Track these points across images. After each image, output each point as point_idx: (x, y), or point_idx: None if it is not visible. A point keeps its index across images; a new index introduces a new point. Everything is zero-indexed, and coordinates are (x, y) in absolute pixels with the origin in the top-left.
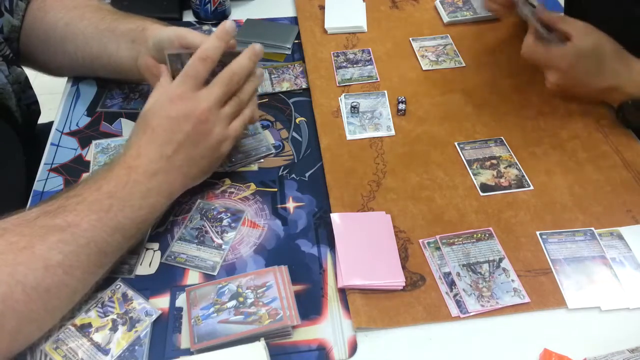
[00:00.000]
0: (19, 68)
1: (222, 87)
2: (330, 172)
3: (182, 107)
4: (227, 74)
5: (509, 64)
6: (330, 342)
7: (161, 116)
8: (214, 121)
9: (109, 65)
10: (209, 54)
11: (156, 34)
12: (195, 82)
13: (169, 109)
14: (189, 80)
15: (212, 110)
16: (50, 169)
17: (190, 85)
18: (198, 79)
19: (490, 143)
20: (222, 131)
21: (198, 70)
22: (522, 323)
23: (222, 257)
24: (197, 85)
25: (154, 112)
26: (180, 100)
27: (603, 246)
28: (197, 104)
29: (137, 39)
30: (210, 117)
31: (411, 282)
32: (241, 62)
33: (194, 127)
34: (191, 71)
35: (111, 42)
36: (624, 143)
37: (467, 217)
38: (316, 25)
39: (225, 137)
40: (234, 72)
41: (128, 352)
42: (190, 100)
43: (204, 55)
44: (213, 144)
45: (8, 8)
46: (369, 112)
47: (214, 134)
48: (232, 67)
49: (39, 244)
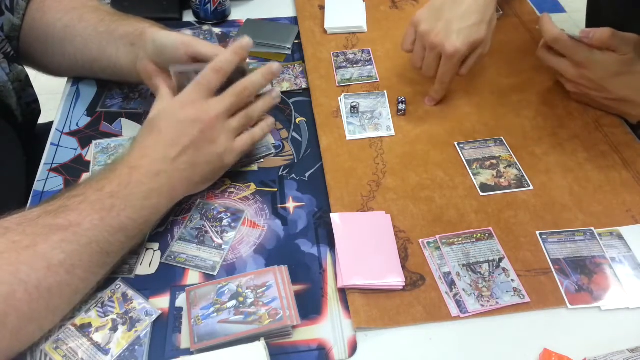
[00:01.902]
0: (19, 66)
1: (231, 98)
2: (330, 172)
3: (191, 111)
4: (238, 87)
5: (509, 64)
6: (330, 342)
7: (169, 119)
8: (220, 130)
9: (108, 67)
10: (223, 66)
11: (157, 38)
12: (207, 90)
13: (178, 113)
14: (200, 89)
15: (219, 119)
16: (50, 169)
17: (202, 93)
18: (210, 88)
19: (490, 143)
20: (226, 142)
21: (210, 80)
22: (522, 323)
23: (222, 257)
24: (208, 94)
25: (163, 115)
26: (190, 106)
27: (603, 246)
28: (206, 110)
29: (136, 42)
30: (217, 125)
31: (411, 282)
32: (254, 78)
33: (201, 132)
34: (204, 80)
35: (110, 44)
36: (624, 143)
37: (467, 217)
38: (316, 25)
39: (231, 148)
40: (245, 87)
41: (128, 352)
42: (200, 107)
43: (218, 67)
44: (218, 151)
45: (9, 7)
46: (369, 112)
47: (219, 142)
48: (244, 81)
49: (42, 243)
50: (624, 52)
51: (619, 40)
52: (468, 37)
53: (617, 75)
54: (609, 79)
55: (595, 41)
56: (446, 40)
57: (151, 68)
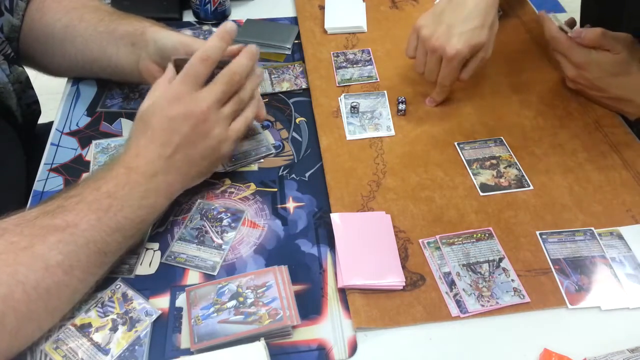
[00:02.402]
0: (20, 67)
1: (222, 86)
2: (330, 172)
3: (181, 107)
4: (227, 73)
5: (509, 64)
6: (330, 342)
7: (160, 116)
8: (213, 121)
9: (109, 67)
10: (209, 54)
11: (158, 39)
12: (195, 81)
13: (168, 109)
14: (188, 80)
15: (211, 110)
16: (50, 169)
17: (190, 85)
18: (198, 79)
19: (490, 143)
20: (222, 132)
21: (198, 70)
22: (522, 323)
23: (222, 257)
24: (197, 85)
25: (153, 111)
26: (179, 100)
27: (603, 246)
28: (196, 103)
29: (137, 42)
30: (210, 117)
31: (411, 282)
32: (241, 61)
33: (193, 127)
34: (191, 71)
35: (110, 44)
36: (624, 143)
37: (467, 217)
38: (316, 25)
39: (226, 137)
40: (234, 72)
41: (128, 352)
42: (190, 100)
43: (205, 56)
44: (213, 144)
45: (8, 7)
46: (369, 112)
47: (214, 134)
48: (232, 66)
49: (39, 244)
50: (617, 50)
51: (610, 39)
52: (469, 40)
53: (613, 75)
54: (605, 79)
55: (587, 40)
56: (447, 43)
57: (153, 68)
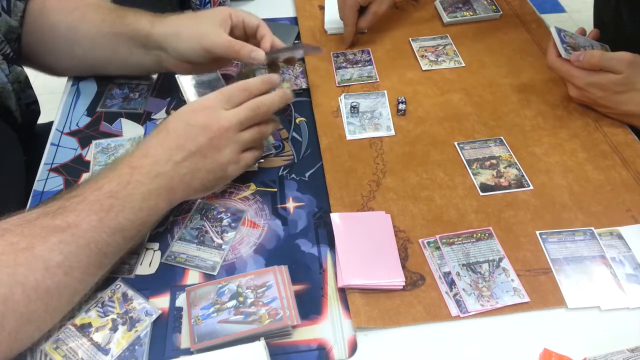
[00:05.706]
0: (19, 67)
1: (247, 112)
2: (330, 172)
3: (203, 117)
4: (256, 102)
5: (509, 64)
6: (330, 342)
7: (179, 120)
8: (229, 140)
9: (126, 67)
10: (250, 88)
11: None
12: (226, 101)
13: (190, 116)
14: (221, 98)
15: (230, 130)
16: (50, 169)
17: (221, 103)
18: (231, 100)
19: (490, 143)
20: (232, 154)
21: (234, 94)
22: (522, 323)
23: (222, 257)
24: (227, 105)
25: (175, 116)
26: (203, 111)
27: (603, 246)
28: (218, 119)
29: (147, 44)
30: (226, 135)
31: (411, 282)
32: (274, 98)
33: (209, 140)
34: (227, 92)
35: (120, 46)
36: (624, 143)
37: (467, 216)
38: (316, 25)
39: (236, 160)
40: (262, 102)
41: (128, 352)
42: (214, 114)
43: (245, 87)
44: (222, 161)
45: (5, 8)
46: (369, 112)
47: (226, 152)
48: (263, 98)
49: (40, 244)
50: (619, 70)
51: (608, 60)
52: None
53: (617, 93)
54: (610, 97)
55: (586, 65)
56: None
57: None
